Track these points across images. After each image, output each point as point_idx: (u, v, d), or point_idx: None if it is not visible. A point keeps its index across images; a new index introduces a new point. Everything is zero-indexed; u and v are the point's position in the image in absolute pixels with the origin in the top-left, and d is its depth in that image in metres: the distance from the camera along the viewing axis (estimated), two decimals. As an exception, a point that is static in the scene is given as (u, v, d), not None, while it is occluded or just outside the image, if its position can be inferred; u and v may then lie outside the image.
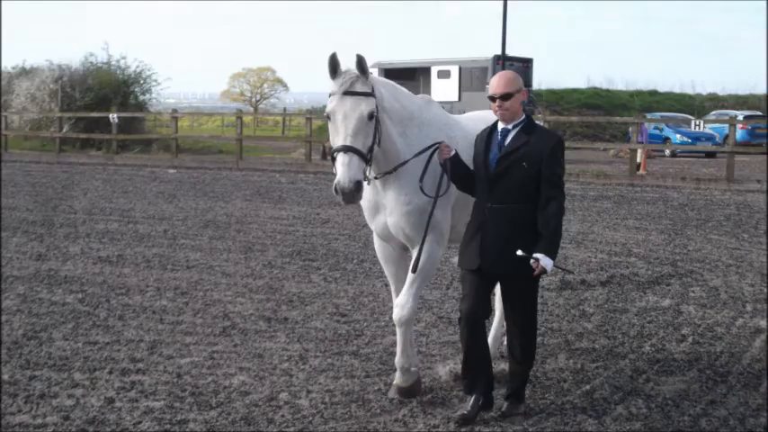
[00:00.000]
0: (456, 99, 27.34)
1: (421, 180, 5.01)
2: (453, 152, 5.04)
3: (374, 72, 10.80)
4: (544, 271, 4.75)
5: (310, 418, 5.03)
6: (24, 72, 35.91)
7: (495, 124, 5.03)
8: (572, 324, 7.30)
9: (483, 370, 4.98)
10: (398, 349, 5.38)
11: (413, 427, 4.94)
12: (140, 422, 4.95)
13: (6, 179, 19.02)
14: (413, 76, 28.90)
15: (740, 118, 30.21)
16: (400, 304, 5.23)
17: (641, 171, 21.30)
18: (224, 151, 30.73)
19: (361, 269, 9.58)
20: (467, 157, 5.12)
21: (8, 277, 8.86)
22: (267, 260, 10.05)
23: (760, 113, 35.20)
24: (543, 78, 64.69)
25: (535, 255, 4.71)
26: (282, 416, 5.08)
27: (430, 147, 5.08)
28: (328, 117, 4.86)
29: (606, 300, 8.19)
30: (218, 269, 9.51)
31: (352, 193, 4.68)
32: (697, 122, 32.18)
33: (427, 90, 26.33)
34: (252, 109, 59.95)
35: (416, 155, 5.07)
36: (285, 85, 66.06)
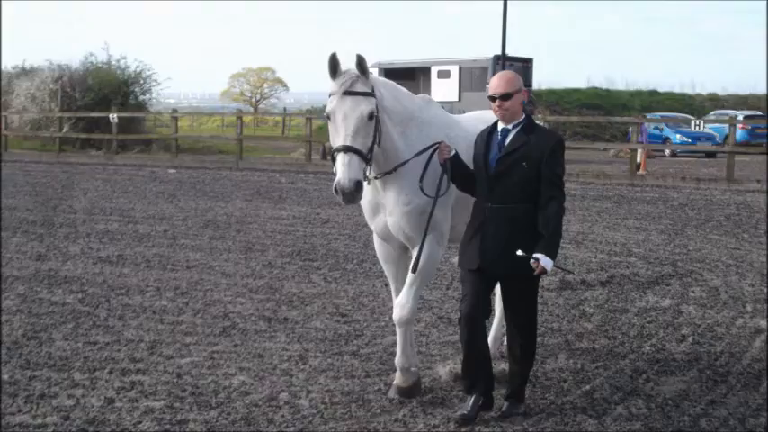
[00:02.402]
0: (456, 99, 27.32)
1: (421, 180, 5.01)
2: (453, 152, 5.04)
3: (374, 72, 10.81)
4: (544, 271, 4.75)
5: (310, 418, 5.03)
6: (24, 72, 35.93)
7: (495, 124, 5.03)
8: (572, 324, 7.30)
9: (483, 370, 4.98)
10: (398, 349, 5.38)
11: (413, 427, 4.94)
12: (140, 422, 4.95)
13: (6, 179, 19.01)
14: (413, 76, 28.87)
15: (740, 118, 30.21)
16: (400, 304, 5.23)
17: (641, 171, 21.30)
18: (224, 151, 30.72)
19: (361, 269, 9.58)
20: (467, 158, 5.12)
21: (8, 277, 8.86)
22: (267, 260, 10.05)
23: (760, 113, 35.20)
24: (543, 78, 64.77)
25: (535, 255, 4.71)
26: (282, 416, 5.08)
27: (430, 147, 5.08)
28: (328, 117, 4.86)
29: (606, 300, 8.19)
30: (218, 269, 9.51)
31: (352, 193, 4.68)
32: (697, 122, 32.14)
33: (427, 90, 26.31)
34: (252, 109, 59.96)
35: (416, 155, 5.07)
36: (285, 85, 66.07)
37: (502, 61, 25.84)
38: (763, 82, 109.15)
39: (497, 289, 5.51)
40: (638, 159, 21.57)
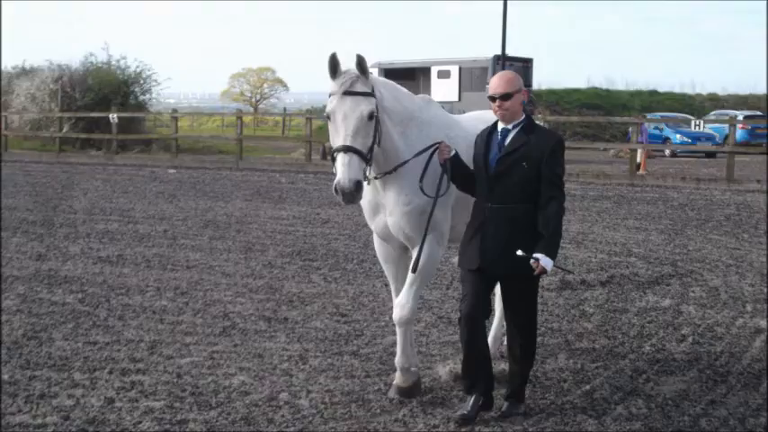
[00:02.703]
0: (456, 99, 27.32)
1: (421, 180, 5.01)
2: (453, 152, 5.04)
3: (374, 72, 10.80)
4: (544, 271, 4.74)
5: (310, 418, 5.03)
6: (24, 72, 35.93)
7: (495, 124, 5.04)
8: (572, 324, 7.30)
9: (483, 370, 4.98)
10: (398, 349, 5.38)
11: (413, 427, 4.94)
12: (140, 422, 4.95)
13: (6, 179, 19.01)
14: (413, 76, 28.86)
15: (740, 118, 30.21)
16: (400, 304, 5.23)
17: (641, 171, 21.30)
18: (224, 151, 30.72)
19: (361, 269, 9.58)
20: (467, 158, 5.12)
21: (8, 277, 8.86)
22: (267, 260, 10.05)
23: (760, 113, 35.20)
24: (543, 78, 64.78)
25: (535, 255, 4.71)
26: (282, 416, 5.08)
27: (430, 147, 5.09)
28: (328, 117, 4.86)
29: (606, 300, 8.19)
30: (218, 269, 9.51)
31: (352, 193, 4.68)
32: (697, 122, 32.15)
33: (427, 90, 26.30)
34: (252, 109, 59.96)
35: (416, 155, 5.07)
36: (285, 85, 66.07)
37: (502, 61, 25.84)
38: (763, 82, 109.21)
39: (497, 289, 5.51)
40: (638, 159, 21.57)
